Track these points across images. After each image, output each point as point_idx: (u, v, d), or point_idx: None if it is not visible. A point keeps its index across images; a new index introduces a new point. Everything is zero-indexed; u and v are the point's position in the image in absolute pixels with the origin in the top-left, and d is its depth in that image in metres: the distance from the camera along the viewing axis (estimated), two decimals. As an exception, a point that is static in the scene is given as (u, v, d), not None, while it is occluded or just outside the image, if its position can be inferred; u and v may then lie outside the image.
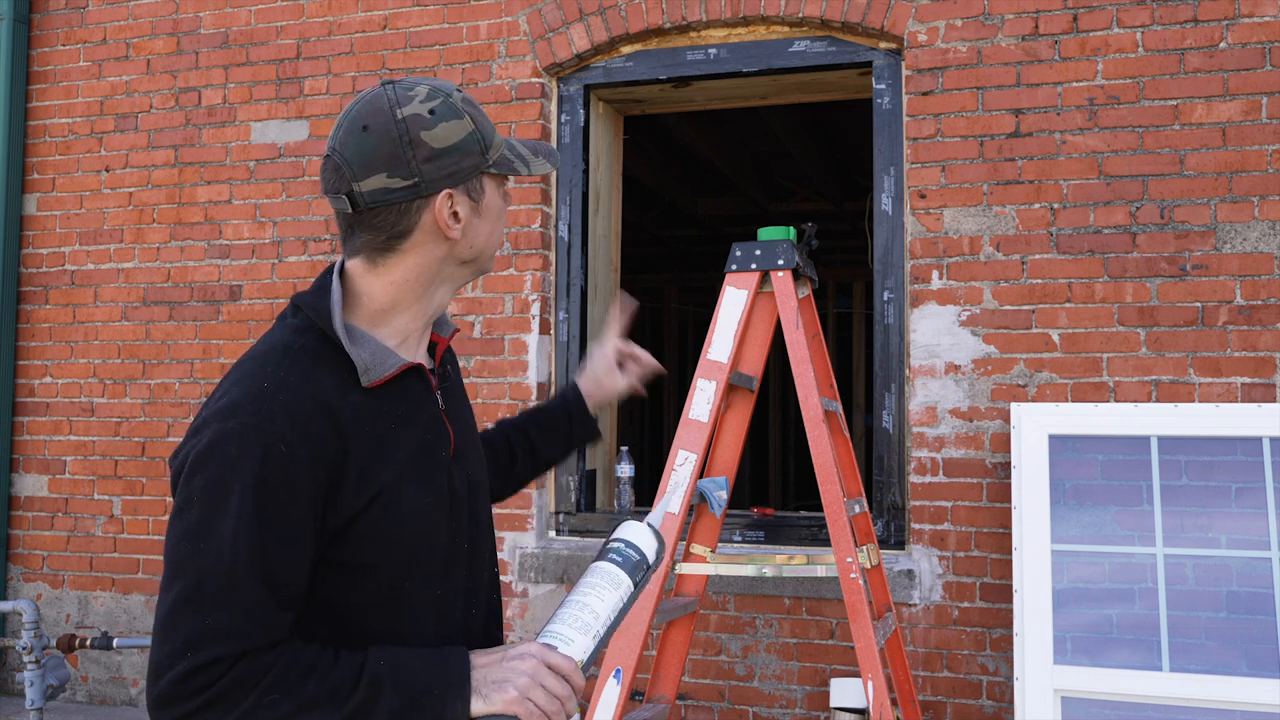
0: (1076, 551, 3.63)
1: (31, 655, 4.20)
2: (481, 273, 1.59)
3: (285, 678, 1.32)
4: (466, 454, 1.60)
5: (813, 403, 3.29)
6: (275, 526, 1.34)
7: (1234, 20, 3.88)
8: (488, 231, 1.54)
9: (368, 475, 1.42)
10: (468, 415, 1.67)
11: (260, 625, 1.33)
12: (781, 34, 4.44)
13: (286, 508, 1.35)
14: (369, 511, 1.41)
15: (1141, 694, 3.43)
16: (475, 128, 1.49)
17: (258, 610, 1.33)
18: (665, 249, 10.68)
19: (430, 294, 1.54)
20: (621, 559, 1.49)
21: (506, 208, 1.58)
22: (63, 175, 5.35)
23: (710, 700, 4.30)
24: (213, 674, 1.31)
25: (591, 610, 1.45)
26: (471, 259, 1.54)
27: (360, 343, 1.47)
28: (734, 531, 4.35)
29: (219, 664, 1.31)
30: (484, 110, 1.55)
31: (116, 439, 5.17)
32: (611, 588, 1.47)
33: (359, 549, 1.41)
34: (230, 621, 1.32)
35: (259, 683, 1.31)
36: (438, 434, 1.54)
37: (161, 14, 5.23)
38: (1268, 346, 3.79)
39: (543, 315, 4.61)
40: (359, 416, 1.44)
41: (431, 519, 1.49)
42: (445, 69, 4.77)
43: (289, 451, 1.35)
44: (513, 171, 1.54)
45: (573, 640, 1.43)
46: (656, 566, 1.54)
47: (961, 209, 4.11)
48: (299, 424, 1.37)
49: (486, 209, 1.53)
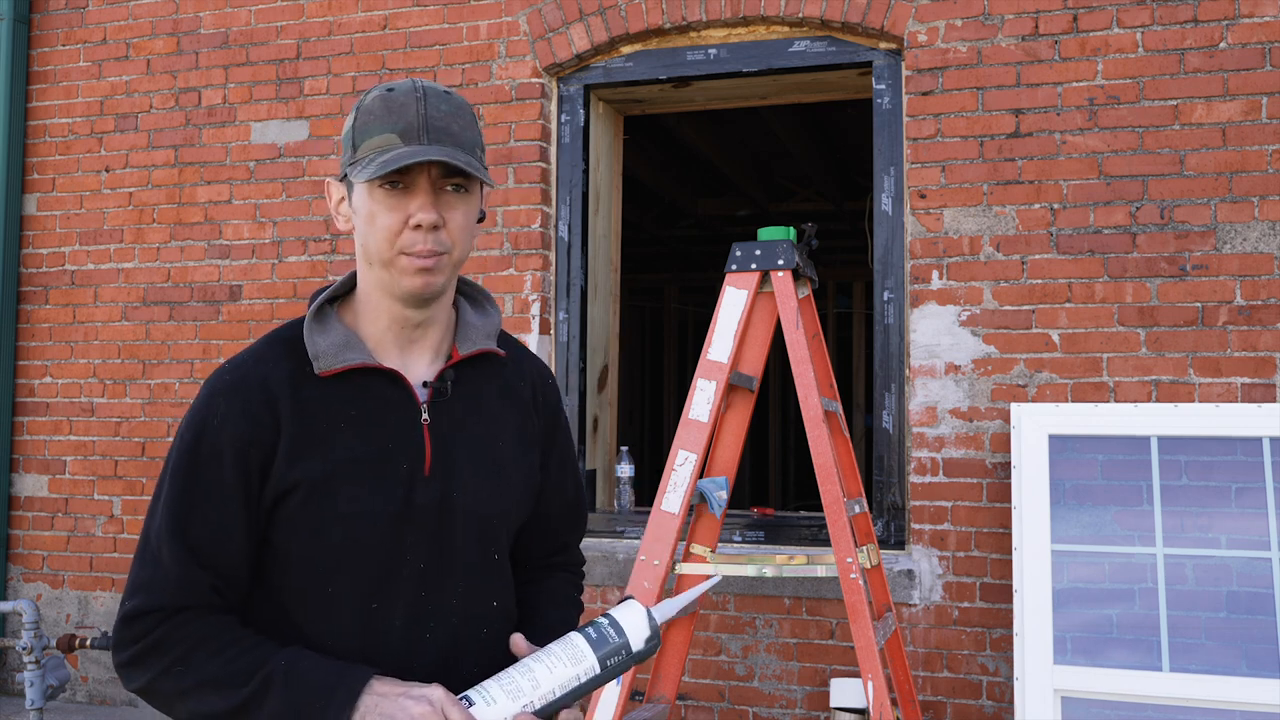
0: (1076, 551, 3.63)
1: (31, 655, 4.20)
2: (394, 286, 1.48)
3: (194, 652, 1.40)
4: (457, 477, 1.53)
5: (813, 403, 3.29)
6: (196, 493, 1.44)
7: (1234, 20, 3.88)
8: (364, 231, 1.48)
9: (295, 463, 1.45)
10: (488, 441, 1.58)
11: (176, 581, 1.42)
12: (781, 34, 4.44)
13: (209, 477, 1.44)
14: (292, 497, 1.45)
15: (1141, 694, 3.43)
16: (351, 125, 1.49)
17: (175, 568, 1.42)
18: (665, 249, 10.68)
19: (374, 296, 1.52)
20: (596, 637, 1.42)
21: (390, 216, 1.45)
22: (63, 175, 5.35)
23: (710, 700, 4.30)
24: (140, 627, 1.41)
25: (533, 679, 1.38)
26: (370, 261, 1.50)
27: (327, 331, 1.51)
28: (734, 531, 4.35)
29: (145, 618, 1.41)
30: (402, 109, 1.45)
31: (116, 439, 5.17)
32: (569, 662, 1.40)
33: (283, 533, 1.47)
34: (152, 575, 1.43)
35: (171, 651, 1.41)
36: (405, 445, 1.50)
37: (161, 14, 5.23)
38: (1268, 346, 3.79)
39: (543, 315, 4.61)
40: (304, 406, 1.47)
41: (367, 526, 1.46)
42: (445, 69, 4.77)
43: (220, 426, 1.44)
44: (359, 176, 1.45)
45: (494, 702, 1.36)
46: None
47: (961, 209, 4.11)
48: (236, 403, 1.45)
49: (357, 208, 1.50)
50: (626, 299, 10.97)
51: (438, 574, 1.52)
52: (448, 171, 1.46)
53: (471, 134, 1.50)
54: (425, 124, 1.45)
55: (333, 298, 1.57)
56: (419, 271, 1.46)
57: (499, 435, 1.60)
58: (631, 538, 4.51)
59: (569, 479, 1.75)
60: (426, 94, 1.47)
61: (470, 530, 1.55)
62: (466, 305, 1.63)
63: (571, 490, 1.76)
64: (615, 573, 4.36)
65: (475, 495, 1.54)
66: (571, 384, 4.65)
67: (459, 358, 1.57)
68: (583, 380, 4.67)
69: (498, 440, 1.59)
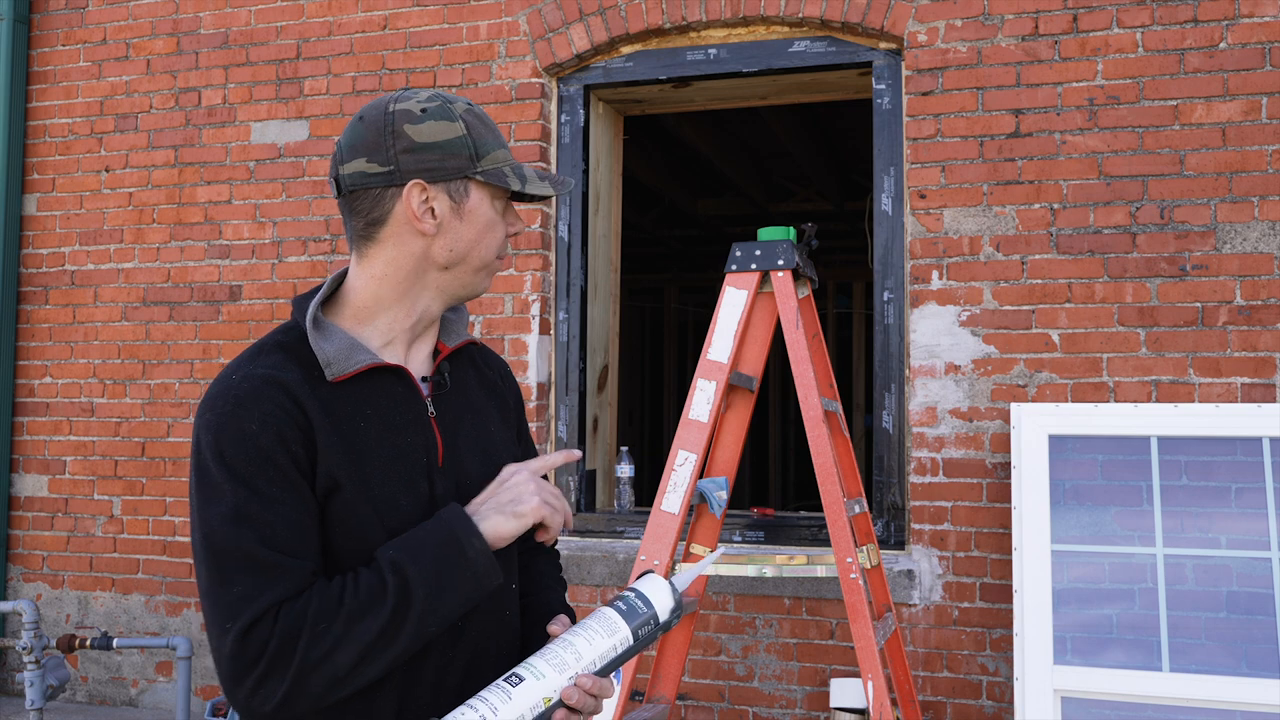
0: (1076, 551, 3.63)
1: (31, 655, 4.20)
2: (471, 288, 1.59)
3: (324, 606, 1.39)
4: (463, 466, 1.58)
5: (813, 403, 3.29)
6: (255, 492, 1.41)
7: (1234, 20, 3.88)
8: (471, 238, 1.54)
9: (333, 462, 1.45)
10: (480, 429, 1.64)
11: (278, 577, 1.40)
12: (781, 34, 4.44)
13: (269, 478, 1.42)
14: (336, 496, 1.45)
15: (1141, 694, 3.43)
16: (466, 133, 1.52)
17: (270, 566, 1.40)
18: (665, 249, 10.68)
19: (413, 295, 1.56)
20: (626, 608, 1.46)
21: (505, 227, 1.58)
22: (63, 175, 5.35)
23: (710, 700, 4.30)
24: (259, 635, 1.37)
25: (574, 651, 1.42)
26: (451, 264, 1.54)
27: (330, 338, 1.52)
28: (734, 531, 4.35)
29: (259, 624, 1.37)
30: (494, 127, 1.56)
31: (116, 439, 5.17)
32: (605, 634, 1.44)
33: (329, 530, 1.46)
34: (252, 584, 1.39)
35: (304, 622, 1.38)
36: (421, 439, 1.54)
37: (161, 14, 5.23)
38: (1268, 346, 3.79)
39: (543, 315, 4.61)
40: (325, 407, 1.47)
41: (404, 519, 1.49)
42: (445, 69, 4.77)
43: (259, 431, 1.42)
44: (503, 184, 1.53)
45: (544, 675, 1.40)
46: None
47: (961, 209, 4.11)
48: (263, 407, 1.43)
49: (470, 214, 1.54)
50: (626, 299, 10.97)
51: None
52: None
53: None
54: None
55: (321, 303, 1.59)
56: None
57: (488, 422, 1.67)
58: (631, 538, 4.51)
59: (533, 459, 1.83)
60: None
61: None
62: None
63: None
64: (615, 573, 4.36)
65: (481, 482, 1.59)
66: (571, 384, 4.65)
67: (447, 351, 1.63)
68: (582, 380, 4.67)
69: (488, 427, 1.66)
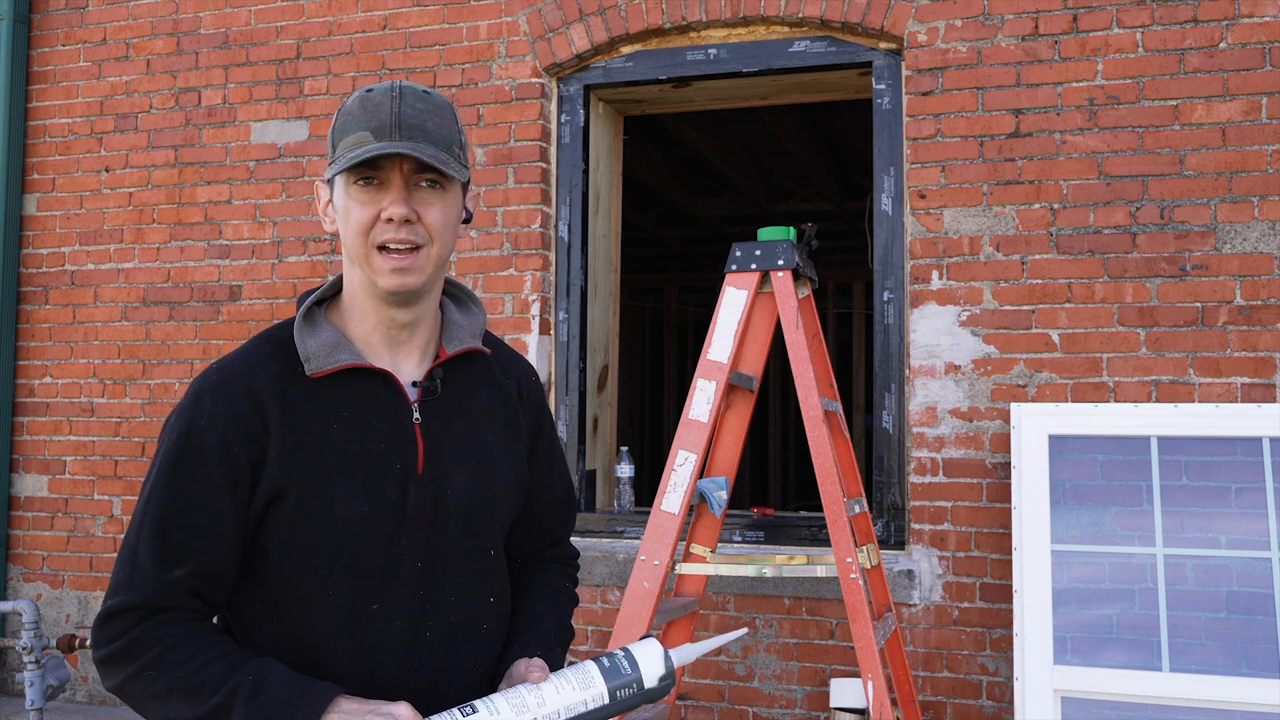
0: (1076, 551, 3.63)
1: (31, 655, 4.20)
2: (375, 282, 1.50)
3: (166, 658, 1.40)
4: (448, 476, 1.54)
5: (813, 403, 3.29)
6: (180, 494, 1.43)
7: (1234, 20, 3.88)
8: (345, 230, 1.51)
9: (287, 466, 1.44)
10: (474, 439, 1.59)
11: (153, 582, 1.41)
12: (781, 34, 4.44)
13: (194, 477, 1.43)
14: (285, 500, 1.44)
15: (1141, 694, 3.43)
16: (332, 127, 1.53)
17: (153, 568, 1.42)
18: (665, 249, 10.68)
19: (362, 295, 1.54)
20: (609, 665, 1.41)
21: (359, 209, 1.48)
22: (63, 175, 5.35)
23: (710, 700, 4.30)
24: (116, 627, 1.41)
25: (539, 696, 1.37)
26: (351, 260, 1.53)
27: (317, 334, 1.52)
28: (734, 532, 4.35)
29: (121, 617, 1.41)
30: (377, 108, 1.47)
31: (116, 439, 5.17)
32: (577, 687, 1.39)
33: (278, 536, 1.46)
34: (130, 575, 1.42)
35: (144, 654, 1.40)
36: (398, 446, 1.51)
37: (161, 14, 5.23)
38: (1268, 346, 3.79)
39: (543, 315, 4.61)
40: (293, 406, 1.47)
41: (364, 526, 1.47)
42: (445, 69, 4.77)
43: (206, 427, 1.44)
44: (330, 171, 1.50)
45: (499, 713, 1.35)
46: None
47: (961, 209, 4.11)
48: (222, 403, 1.45)
49: (335, 207, 1.54)
50: (626, 299, 10.97)
51: (434, 572, 1.53)
52: (420, 167, 1.48)
53: (448, 131, 1.50)
54: (398, 121, 1.46)
55: (320, 299, 1.58)
56: (394, 271, 1.48)
57: (488, 433, 1.62)
58: (631, 538, 4.51)
59: (557, 474, 1.77)
60: (403, 93, 1.49)
61: (464, 528, 1.56)
62: (451, 305, 1.65)
63: (560, 485, 1.78)
64: (615, 573, 4.36)
65: (468, 493, 1.56)
66: (571, 384, 4.65)
67: (446, 356, 1.59)
68: (582, 380, 4.67)
69: (487, 437, 1.61)
